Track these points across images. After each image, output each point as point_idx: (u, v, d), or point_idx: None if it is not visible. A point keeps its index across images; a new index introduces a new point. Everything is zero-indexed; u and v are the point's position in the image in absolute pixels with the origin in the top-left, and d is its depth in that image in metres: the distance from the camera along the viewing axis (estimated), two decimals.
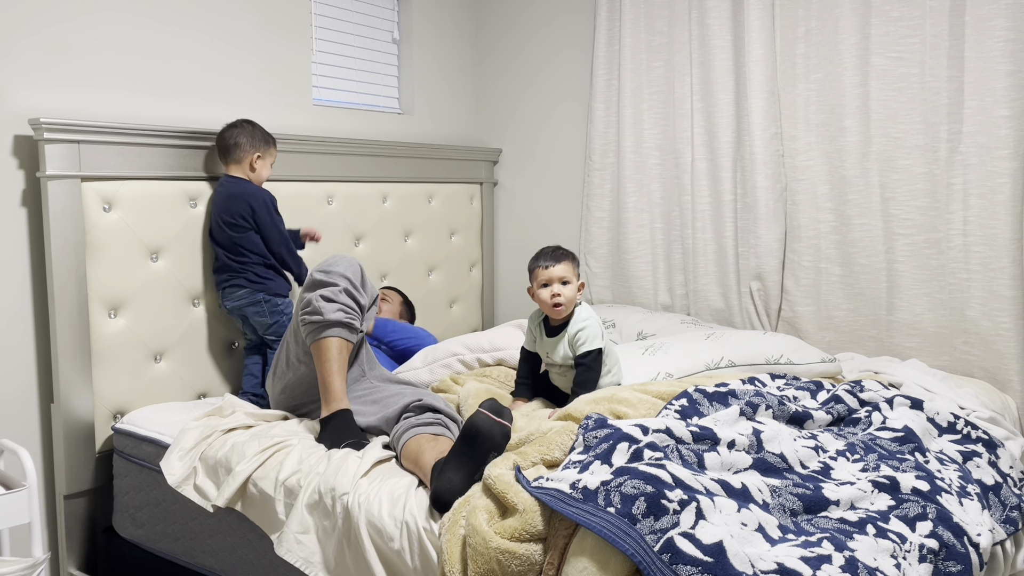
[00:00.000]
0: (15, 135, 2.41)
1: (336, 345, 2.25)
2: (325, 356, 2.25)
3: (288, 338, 2.40)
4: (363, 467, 2.00)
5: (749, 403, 2.11)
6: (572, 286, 2.22)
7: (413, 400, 2.21)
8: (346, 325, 2.27)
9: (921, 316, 2.89)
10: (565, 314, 2.23)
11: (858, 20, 2.92)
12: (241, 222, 2.61)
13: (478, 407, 1.88)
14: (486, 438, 1.83)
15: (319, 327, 2.25)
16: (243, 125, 2.67)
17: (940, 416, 2.21)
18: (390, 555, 1.84)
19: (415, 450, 2.00)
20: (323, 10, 3.28)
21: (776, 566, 1.47)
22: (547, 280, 2.22)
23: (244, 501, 2.12)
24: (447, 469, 1.83)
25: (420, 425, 2.09)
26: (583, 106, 3.67)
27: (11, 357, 2.45)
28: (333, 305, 2.26)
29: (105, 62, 2.58)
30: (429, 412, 2.17)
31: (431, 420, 2.12)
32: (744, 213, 3.22)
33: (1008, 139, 2.68)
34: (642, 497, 1.55)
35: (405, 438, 2.06)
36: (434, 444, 1.99)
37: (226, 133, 2.66)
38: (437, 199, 3.64)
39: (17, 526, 2.25)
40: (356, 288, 2.32)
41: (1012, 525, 1.92)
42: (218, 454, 2.20)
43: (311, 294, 2.28)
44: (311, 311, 2.26)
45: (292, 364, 2.39)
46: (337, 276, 2.30)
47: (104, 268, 2.50)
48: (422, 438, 2.03)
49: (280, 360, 2.44)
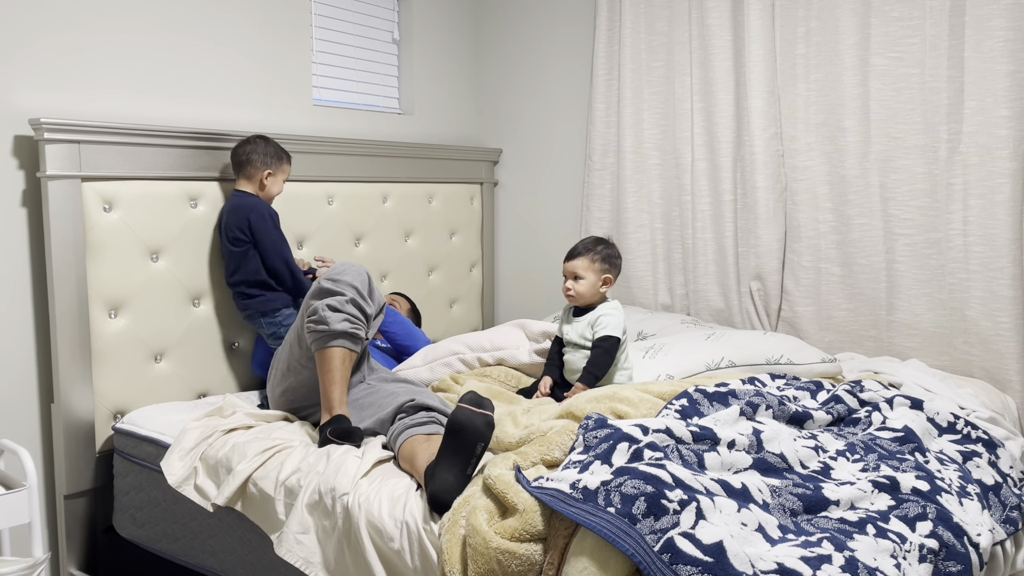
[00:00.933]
0: (15, 135, 2.41)
1: (340, 355, 2.25)
2: (328, 366, 2.25)
3: (291, 341, 2.40)
4: (363, 467, 2.00)
5: (749, 403, 2.12)
6: (586, 281, 2.40)
7: (406, 400, 2.21)
8: (351, 336, 2.27)
9: (921, 316, 2.89)
10: (579, 303, 2.44)
11: (858, 20, 2.92)
12: (240, 235, 2.61)
13: (458, 402, 1.89)
14: (470, 431, 1.83)
15: (324, 336, 2.25)
16: (256, 141, 2.66)
17: (940, 416, 2.21)
18: (390, 555, 1.84)
19: (410, 452, 2.01)
20: (323, 10, 3.28)
21: (776, 566, 1.47)
22: (565, 272, 2.45)
23: (244, 501, 2.12)
24: (439, 470, 1.83)
25: (414, 426, 2.10)
26: (583, 106, 3.67)
27: (11, 357, 2.45)
28: (339, 315, 2.26)
29: (105, 62, 2.59)
30: (423, 411, 2.17)
31: (425, 419, 2.12)
32: (744, 213, 3.22)
33: (1008, 139, 2.68)
34: (642, 497, 1.55)
35: (401, 440, 2.07)
36: (427, 445, 1.99)
37: (239, 148, 2.66)
38: (437, 199, 3.64)
39: (17, 526, 2.25)
40: (363, 297, 2.32)
41: (1012, 525, 1.93)
42: (219, 454, 2.20)
43: (318, 302, 2.28)
44: (317, 319, 2.26)
45: (294, 368, 2.39)
46: (345, 285, 2.30)
47: (104, 268, 2.50)
48: (416, 440, 2.03)
49: (280, 362, 2.44)
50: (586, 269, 2.40)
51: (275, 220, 2.65)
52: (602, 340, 2.34)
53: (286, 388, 2.42)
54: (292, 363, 2.39)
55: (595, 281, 2.40)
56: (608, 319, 2.36)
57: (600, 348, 2.33)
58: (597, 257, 2.41)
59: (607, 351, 2.33)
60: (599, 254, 2.41)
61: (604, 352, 2.33)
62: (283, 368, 2.42)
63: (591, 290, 2.40)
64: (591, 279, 2.40)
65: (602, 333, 2.35)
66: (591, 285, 2.40)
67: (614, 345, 2.34)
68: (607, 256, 2.42)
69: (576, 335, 2.41)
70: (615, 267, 2.45)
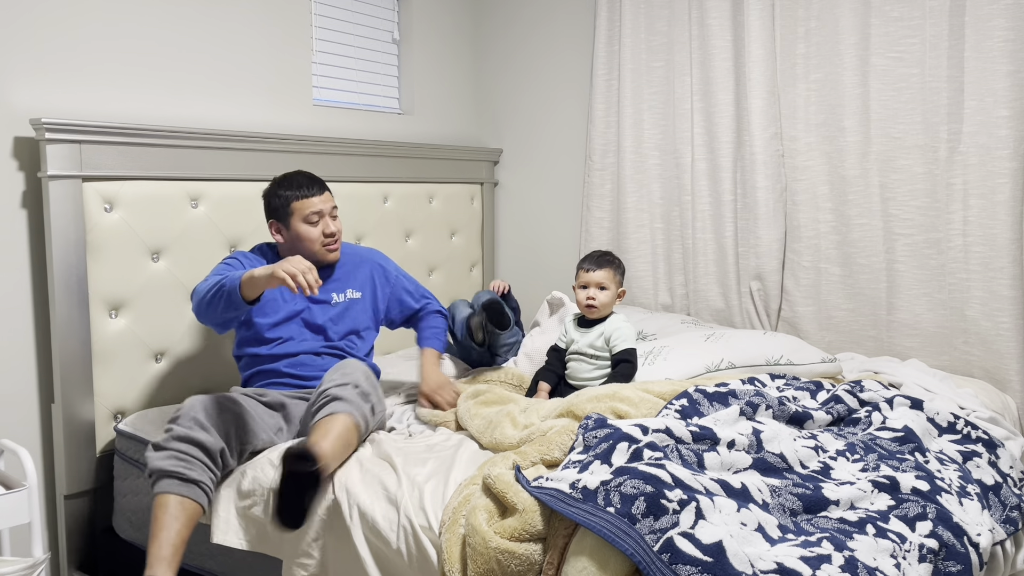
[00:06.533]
0: (16, 135, 2.42)
1: (162, 504, 1.94)
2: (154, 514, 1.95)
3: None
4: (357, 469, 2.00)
5: (749, 403, 2.12)
6: (608, 292, 2.47)
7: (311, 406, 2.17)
8: (178, 477, 1.97)
9: (921, 316, 2.89)
10: (597, 315, 2.48)
11: (858, 20, 2.92)
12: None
13: (282, 455, 1.86)
14: (298, 482, 1.83)
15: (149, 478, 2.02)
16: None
17: (940, 416, 2.21)
18: (389, 555, 1.84)
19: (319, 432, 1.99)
20: (323, 10, 3.29)
21: (776, 566, 1.47)
22: (586, 283, 2.48)
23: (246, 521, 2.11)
24: (280, 514, 1.85)
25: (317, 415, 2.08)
26: (583, 106, 3.67)
27: (11, 357, 2.45)
28: (161, 453, 2.00)
29: (106, 62, 2.59)
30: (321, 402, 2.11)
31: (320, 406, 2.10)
32: (744, 213, 3.22)
33: (1008, 139, 2.68)
34: (642, 497, 1.56)
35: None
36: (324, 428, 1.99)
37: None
38: (438, 199, 3.64)
39: (17, 526, 2.25)
40: (204, 428, 2.04)
41: (1012, 525, 1.93)
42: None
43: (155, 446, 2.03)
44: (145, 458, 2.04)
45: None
46: (185, 417, 2.05)
47: (105, 268, 2.50)
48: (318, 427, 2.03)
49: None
50: (610, 281, 2.49)
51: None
52: (625, 353, 2.41)
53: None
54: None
55: (614, 293, 2.50)
56: (623, 332, 2.44)
57: (626, 361, 2.41)
58: (618, 271, 2.51)
59: (631, 361, 2.41)
60: (618, 268, 2.52)
61: (630, 364, 2.41)
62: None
63: (612, 301, 2.49)
64: (612, 291, 2.49)
65: (623, 346, 2.42)
66: (612, 297, 2.49)
67: (635, 354, 2.43)
68: (623, 269, 2.55)
69: (586, 345, 2.46)
70: (623, 280, 2.57)
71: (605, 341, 2.44)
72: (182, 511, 1.93)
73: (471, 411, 2.26)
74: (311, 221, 2.43)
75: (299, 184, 2.45)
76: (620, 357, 2.41)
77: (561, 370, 2.52)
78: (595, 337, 2.45)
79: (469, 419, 2.23)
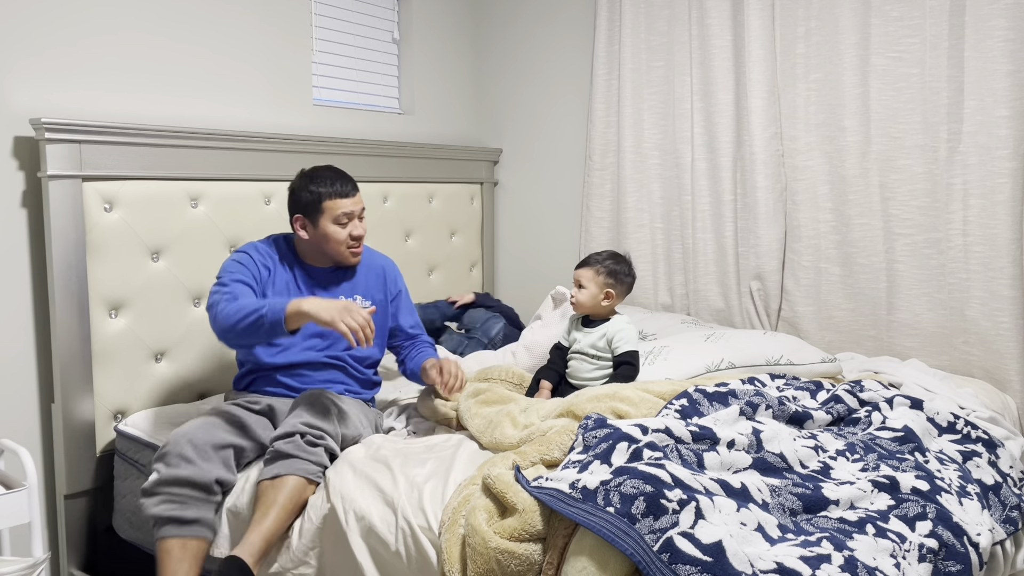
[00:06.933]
0: (16, 135, 2.42)
1: (166, 548, 1.93)
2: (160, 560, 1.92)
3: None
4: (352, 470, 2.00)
5: (749, 403, 2.12)
6: (587, 292, 2.45)
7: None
8: (176, 521, 1.95)
9: (921, 316, 2.89)
10: (579, 312, 2.51)
11: (858, 20, 2.92)
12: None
13: (218, 568, 1.82)
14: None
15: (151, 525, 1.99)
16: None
17: (940, 416, 2.21)
18: (388, 557, 1.84)
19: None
20: (323, 10, 3.29)
21: (775, 566, 1.47)
22: (574, 280, 2.50)
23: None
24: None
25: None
26: (583, 106, 3.67)
27: (11, 357, 2.45)
28: (153, 498, 1.97)
29: (106, 62, 2.59)
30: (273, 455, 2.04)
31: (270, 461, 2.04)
32: (744, 213, 3.22)
33: (1008, 139, 2.68)
34: (641, 497, 1.56)
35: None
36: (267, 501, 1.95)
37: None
38: (437, 199, 3.64)
39: (17, 526, 2.25)
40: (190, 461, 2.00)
41: (1012, 525, 1.92)
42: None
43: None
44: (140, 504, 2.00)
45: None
46: (171, 454, 2.00)
47: (105, 268, 2.51)
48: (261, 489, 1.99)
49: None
50: (589, 280, 2.45)
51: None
52: (627, 355, 2.40)
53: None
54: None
55: (595, 293, 2.44)
56: (625, 333, 2.42)
57: (628, 364, 2.39)
58: (603, 270, 2.45)
59: (633, 364, 2.40)
60: (605, 267, 2.45)
61: (631, 366, 2.40)
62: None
63: (591, 301, 2.45)
64: (592, 291, 2.45)
65: (625, 348, 2.40)
66: (591, 297, 2.45)
67: (637, 356, 2.42)
68: (612, 271, 2.45)
69: (587, 345, 2.45)
70: (621, 284, 2.47)
71: (607, 342, 2.43)
72: (186, 553, 1.92)
73: (471, 411, 2.25)
74: (340, 222, 2.34)
75: (332, 181, 2.33)
76: (622, 359, 2.40)
77: (563, 369, 2.52)
78: (597, 338, 2.44)
79: (469, 419, 2.23)
